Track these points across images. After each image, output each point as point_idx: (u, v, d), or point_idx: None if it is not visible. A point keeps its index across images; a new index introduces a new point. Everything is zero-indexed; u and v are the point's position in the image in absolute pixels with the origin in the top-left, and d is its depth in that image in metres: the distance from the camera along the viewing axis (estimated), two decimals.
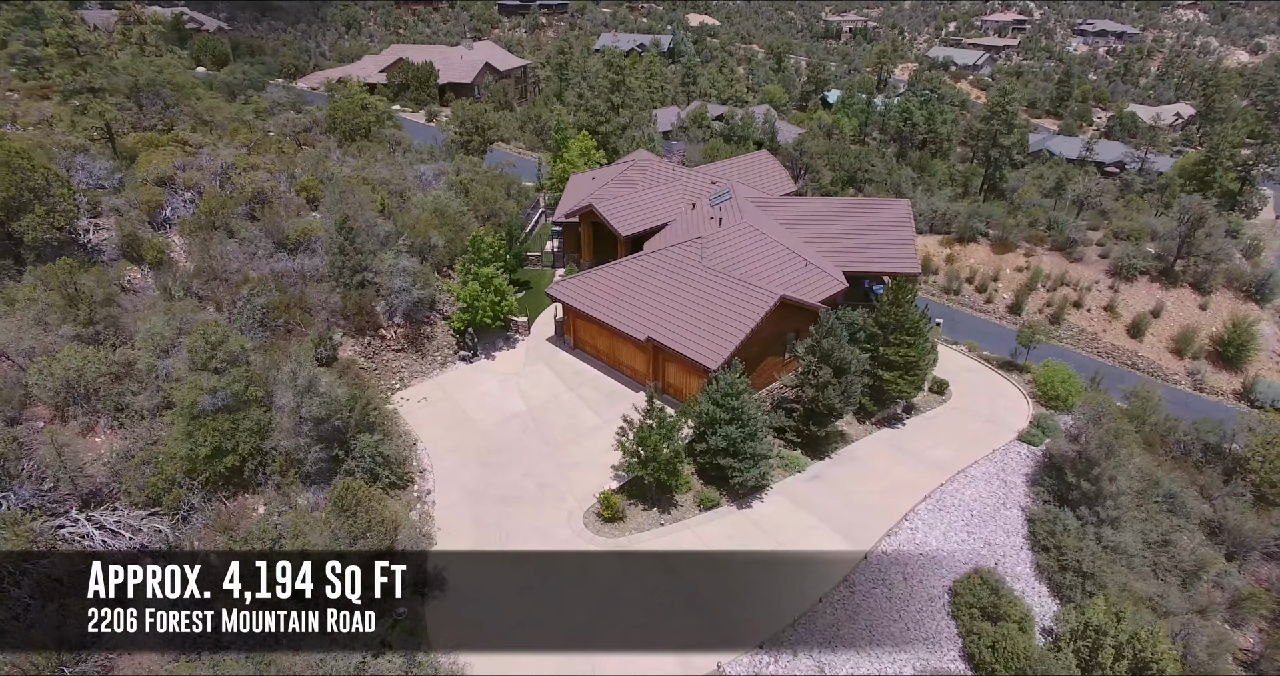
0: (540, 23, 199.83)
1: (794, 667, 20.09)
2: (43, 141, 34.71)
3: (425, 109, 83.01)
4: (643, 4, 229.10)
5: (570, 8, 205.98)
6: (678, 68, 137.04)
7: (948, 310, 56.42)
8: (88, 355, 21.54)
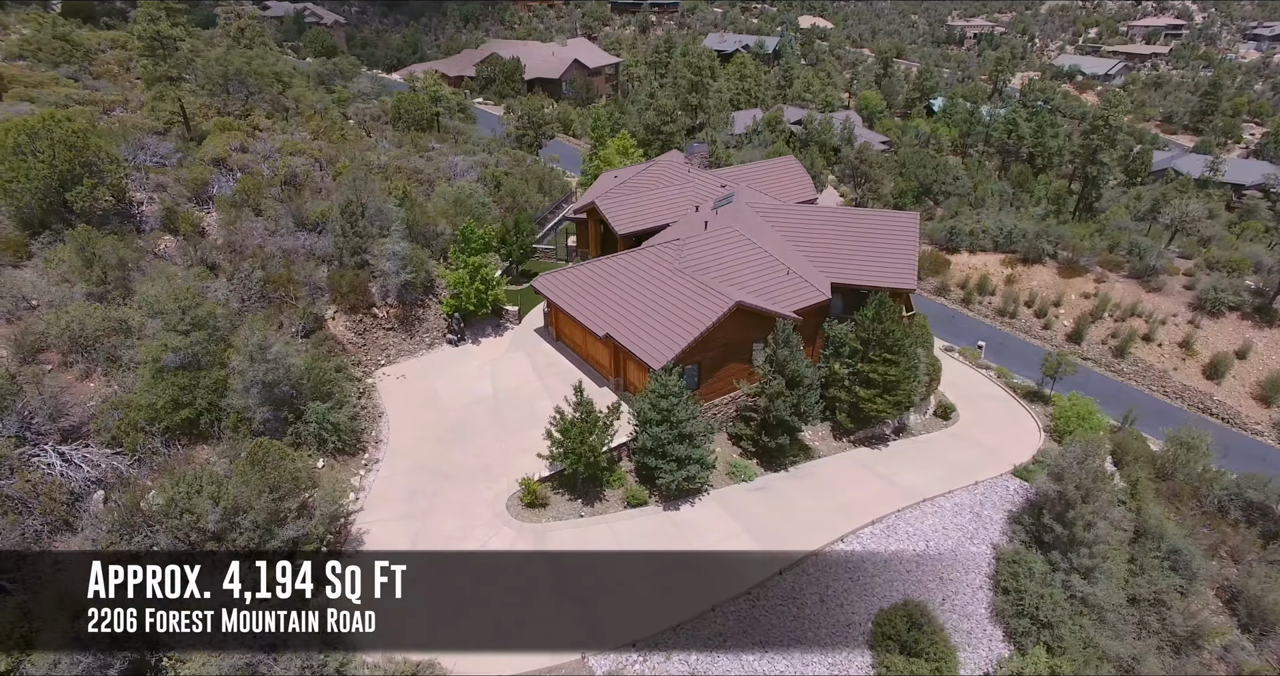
0: (650, 21, 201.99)
1: (663, 668, 20.28)
2: (122, 122, 39.42)
3: (505, 102, 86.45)
4: (755, 5, 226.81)
5: (681, 7, 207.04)
6: (777, 70, 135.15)
7: (998, 334, 53.51)
8: (90, 310, 24.69)
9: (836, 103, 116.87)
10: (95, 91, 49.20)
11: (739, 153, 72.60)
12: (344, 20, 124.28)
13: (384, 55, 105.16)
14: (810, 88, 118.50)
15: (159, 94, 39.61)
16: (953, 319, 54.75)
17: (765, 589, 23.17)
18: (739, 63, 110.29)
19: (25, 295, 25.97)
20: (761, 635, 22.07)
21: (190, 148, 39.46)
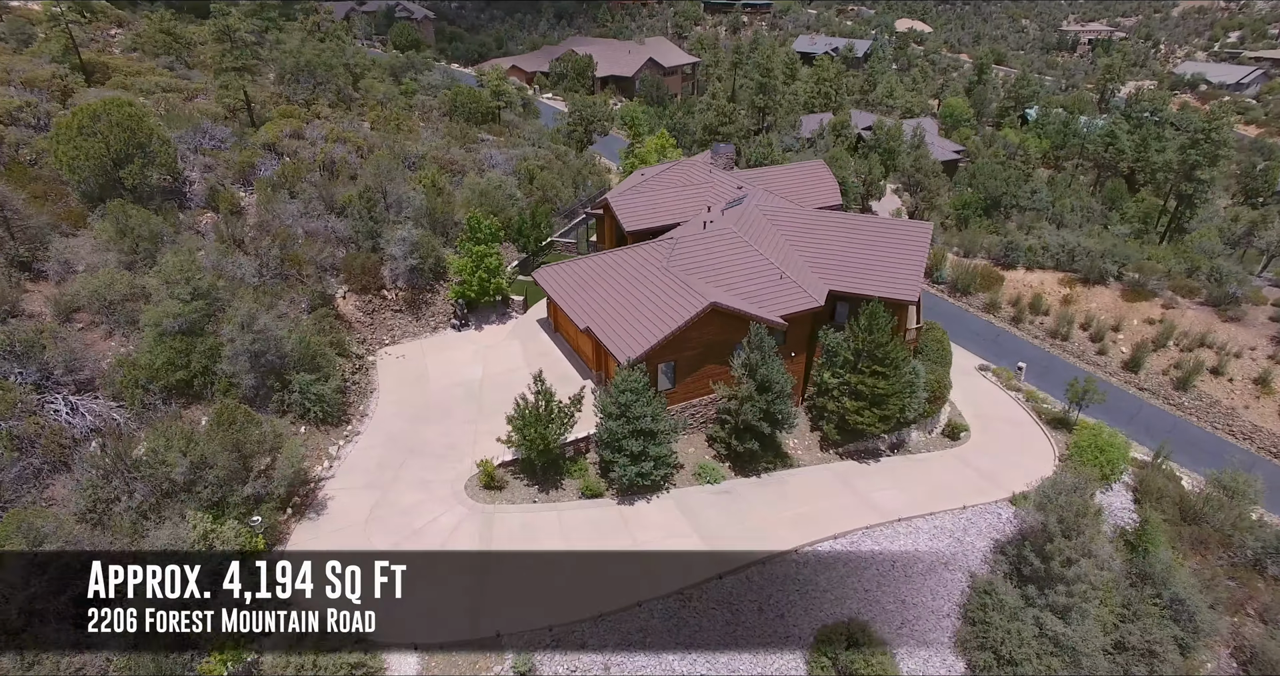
0: (742, 22, 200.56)
1: (579, 659, 20.66)
2: (193, 108, 43.01)
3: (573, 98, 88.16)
4: (851, 7, 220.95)
5: (774, 8, 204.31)
6: (862, 74, 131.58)
7: (1045, 356, 50.67)
8: (117, 277, 27.31)
9: (918, 109, 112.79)
10: (185, 80, 53.75)
11: (797, 156, 71.42)
12: (433, 15, 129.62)
13: (468, 50, 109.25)
14: (893, 93, 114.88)
15: (224, 83, 42.95)
16: (998, 338, 52.16)
17: (700, 591, 23.11)
18: (819, 66, 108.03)
19: (70, 260, 28.95)
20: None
21: (249, 133, 42.62)
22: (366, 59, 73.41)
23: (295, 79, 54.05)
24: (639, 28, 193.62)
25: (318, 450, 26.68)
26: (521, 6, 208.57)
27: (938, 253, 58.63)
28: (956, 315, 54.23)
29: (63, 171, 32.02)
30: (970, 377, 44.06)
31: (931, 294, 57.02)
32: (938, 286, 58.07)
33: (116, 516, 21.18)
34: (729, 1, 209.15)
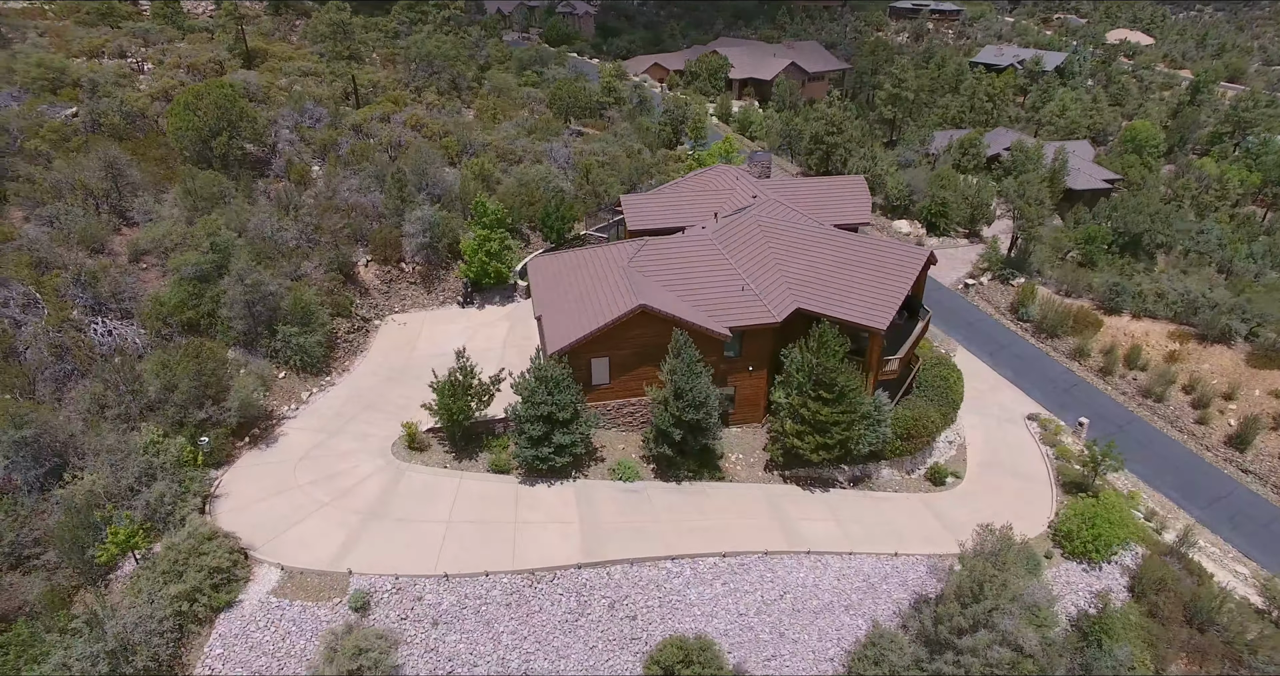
0: (926, 29, 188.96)
1: (406, 609, 22.49)
2: (305, 91, 49.58)
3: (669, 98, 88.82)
4: (1059, 16, 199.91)
5: (964, 15, 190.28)
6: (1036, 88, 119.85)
7: (1126, 415, 45.07)
8: (171, 229, 32.95)
9: (1093, 130, 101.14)
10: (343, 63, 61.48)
11: (911, 171, 67.42)
12: (594, 10, 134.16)
13: (618, 46, 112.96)
14: (1065, 111, 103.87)
15: (334, 70, 49.09)
16: (1073, 388, 46.85)
17: (552, 574, 24.00)
18: (981, 79, 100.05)
19: (151, 212, 35.23)
20: (526, 614, 23.11)
21: (345, 114, 48.45)
22: (503, 51, 79.21)
23: (417, 68, 60.03)
24: (818, 31, 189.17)
25: (291, 393, 30.62)
26: (701, 5, 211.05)
27: (1027, 288, 53.39)
28: (1033, 358, 49.22)
29: (172, 141, 38.71)
30: (1010, 425, 40.28)
31: (1011, 331, 52.08)
32: (1021, 324, 52.85)
33: (107, 421, 26.03)
34: (916, 7, 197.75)
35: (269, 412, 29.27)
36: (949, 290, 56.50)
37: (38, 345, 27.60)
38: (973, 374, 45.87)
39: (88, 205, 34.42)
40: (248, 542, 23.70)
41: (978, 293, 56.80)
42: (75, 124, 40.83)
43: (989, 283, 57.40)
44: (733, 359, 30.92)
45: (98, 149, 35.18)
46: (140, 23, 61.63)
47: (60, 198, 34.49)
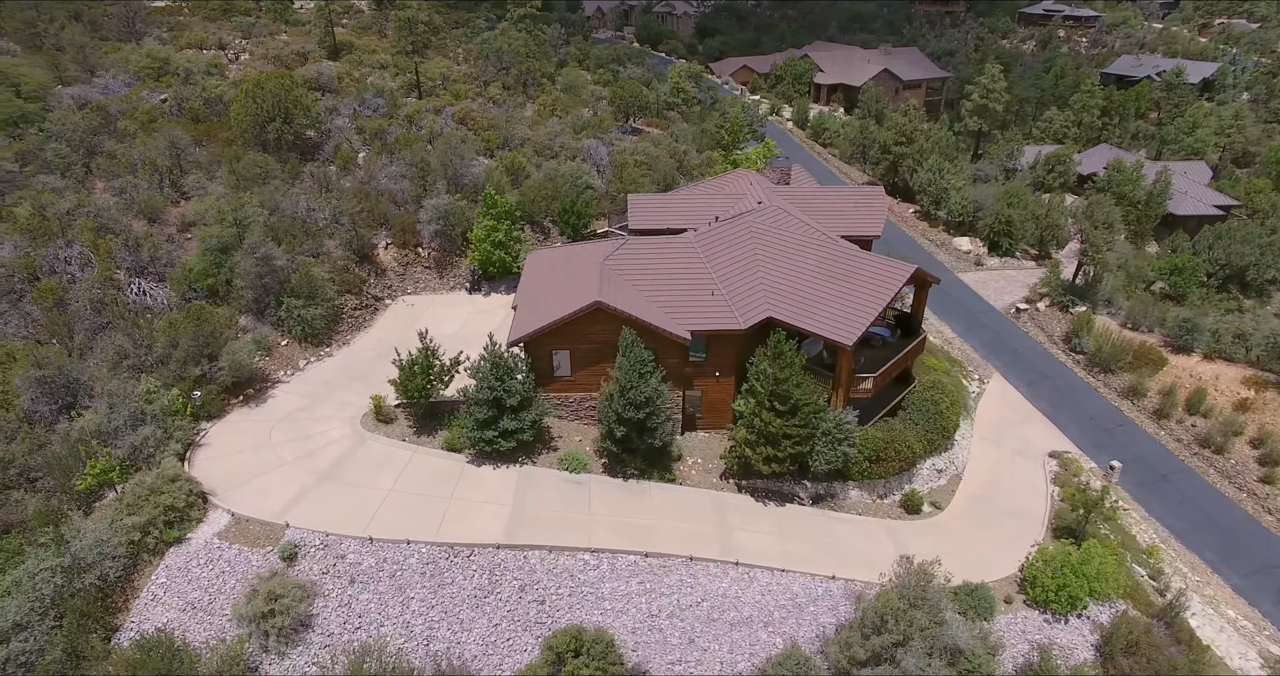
0: (1057, 37, 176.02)
1: (328, 564, 24.17)
2: (368, 79, 53.11)
3: (778, 102, 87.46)
4: (1222, 20, 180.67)
5: (1100, 22, 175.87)
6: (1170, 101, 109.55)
7: (1176, 464, 41.41)
8: (214, 203, 36.54)
9: (1217, 149, 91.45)
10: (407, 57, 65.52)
11: (974, 189, 63.81)
12: (692, 11, 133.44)
13: (715, 47, 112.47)
14: (1196, 128, 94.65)
15: (398, 64, 52.38)
16: (1116, 428, 43.27)
17: (470, 551, 25.05)
18: (1088, 92, 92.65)
19: (204, 188, 39.15)
20: (437, 585, 24.30)
21: (402, 105, 51.58)
22: (583, 50, 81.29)
23: (488, 64, 62.87)
24: (938, 37, 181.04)
25: (290, 360, 33.32)
26: (817, 8, 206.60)
27: (1083, 317, 49.58)
28: (1078, 392, 45.75)
29: (234, 125, 42.77)
30: (1025, 461, 37.86)
31: (1059, 362, 48.53)
32: (1073, 355, 49.10)
33: (124, 370, 29.45)
34: (1048, 12, 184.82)
35: (266, 376, 32.03)
36: (999, 314, 53.23)
37: (82, 299, 31.51)
38: (1003, 403, 43.38)
39: (152, 179, 38.73)
40: (210, 488, 26.22)
41: (1031, 319, 53.17)
42: (164, 108, 45.93)
43: (1046, 309, 53.60)
44: (700, 363, 30.88)
45: (165, 130, 39.54)
46: (248, 18, 67.96)
47: (133, 172, 38.98)
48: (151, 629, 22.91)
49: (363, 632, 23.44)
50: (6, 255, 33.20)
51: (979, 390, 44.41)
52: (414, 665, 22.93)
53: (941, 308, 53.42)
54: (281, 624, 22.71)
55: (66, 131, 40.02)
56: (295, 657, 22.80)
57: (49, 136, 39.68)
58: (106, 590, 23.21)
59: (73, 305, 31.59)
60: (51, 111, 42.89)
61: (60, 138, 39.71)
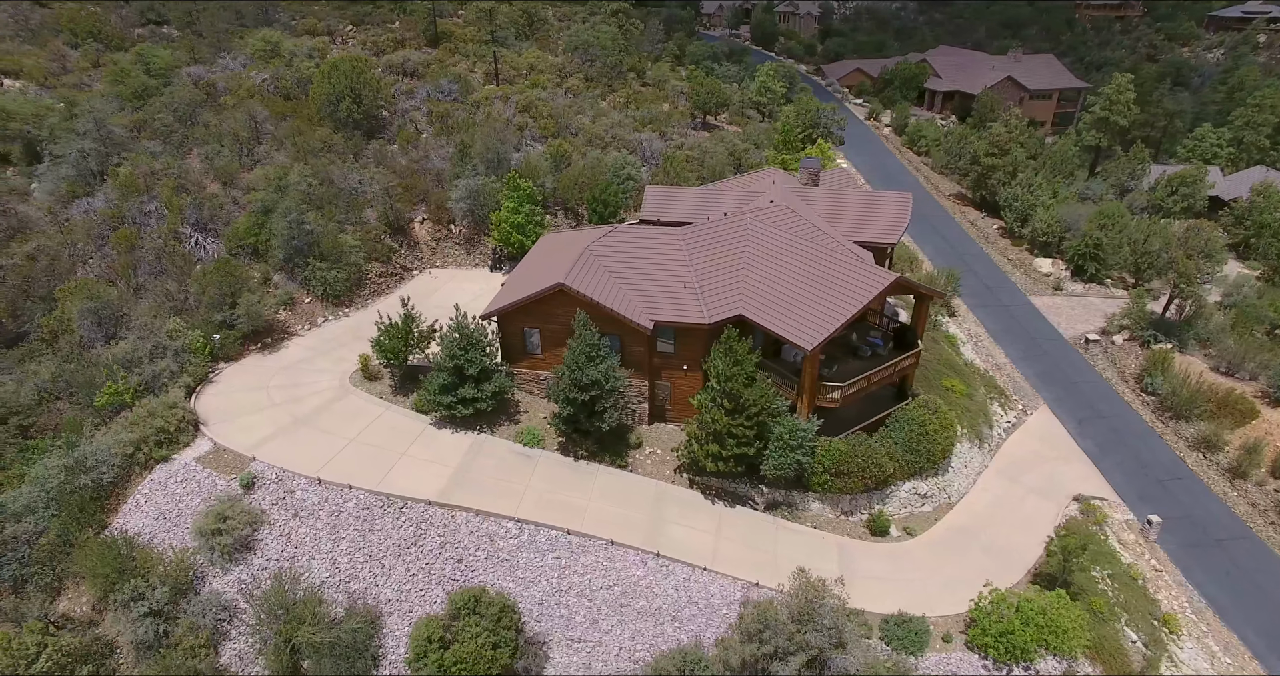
0: (1257, 42, 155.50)
1: (276, 495, 26.65)
2: (451, 69, 56.64)
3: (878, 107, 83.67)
4: None
5: None
6: None
7: (1243, 532, 37.14)
8: (272, 170, 40.68)
9: None
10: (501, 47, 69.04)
11: (1065, 208, 58.57)
12: (816, 11, 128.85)
13: (831, 49, 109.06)
14: None
15: (478, 52, 55.49)
16: (1172, 482, 39.16)
17: (402, 503, 26.75)
18: (1256, 106, 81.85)
19: (269, 157, 43.61)
20: (366, 529, 26.20)
21: (475, 91, 54.61)
22: (682, 46, 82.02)
23: (576, 55, 65.10)
24: (1102, 45, 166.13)
25: (309, 316, 36.65)
26: (969, 10, 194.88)
27: (1160, 354, 44.74)
28: (1135, 436, 41.68)
29: (311, 104, 47.23)
30: (1041, 500, 35.19)
31: (1123, 401, 44.12)
32: (1143, 396, 44.41)
33: (167, 312, 33.70)
34: (1248, 15, 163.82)
35: (285, 328, 35.48)
36: (1065, 343, 48.92)
37: (149, 247, 36.31)
38: (1041, 438, 40.17)
39: (233, 148, 43.66)
40: (204, 419, 29.62)
41: (1103, 352, 48.45)
42: (263, 86, 51.45)
43: (1123, 342, 48.64)
44: (669, 355, 31.00)
45: (246, 104, 44.43)
46: (368, 6, 73.99)
47: (219, 141, 44.14)
48: (131, 530, 26.40)
49: (296, 562, 25.78)
50: (99, 206, 38.77)
51: (1013, 421, 41.18)
52: (329, 598, 24.97)
53: (1001, 330, 49.81)
54: (226, 542, 25.45)
55: (174, 104, 45.96)
56: (235, 573, 25.50)
57: (161, 108, 45.71)
58: (101, 492, 26.93)
59: (140, 251, 36.40)
60: (170, 86, 49.32)
61: (168, 109, 45.65)
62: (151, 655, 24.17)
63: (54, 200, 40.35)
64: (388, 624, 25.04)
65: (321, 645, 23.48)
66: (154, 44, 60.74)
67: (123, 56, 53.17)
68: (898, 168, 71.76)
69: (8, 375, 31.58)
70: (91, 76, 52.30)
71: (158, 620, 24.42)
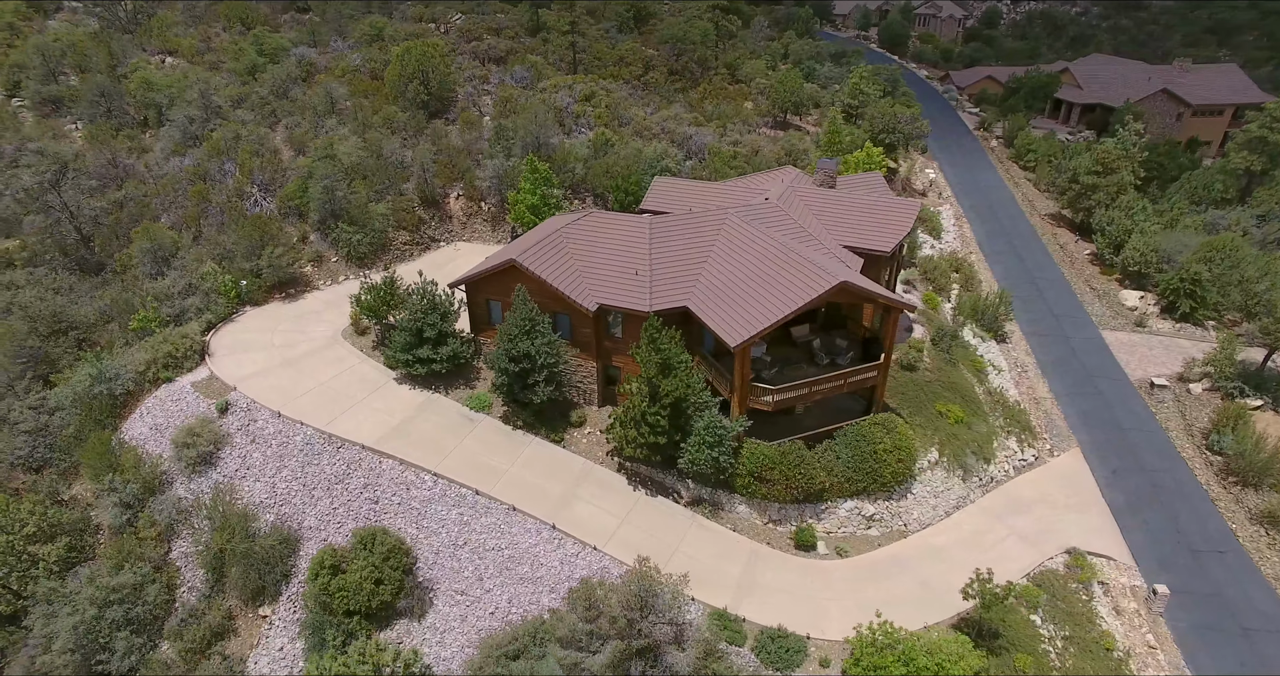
0: None
1: (246, 420, 30.32)
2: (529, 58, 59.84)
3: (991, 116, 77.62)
4: None
5: None
6: None
7: (1276, 614, 32.34)
8: (331, 139, 45.40)
9: None
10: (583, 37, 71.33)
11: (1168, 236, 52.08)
12: (959, 14, 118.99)
13: (967, 54, 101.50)
14: None
15: (556, 42, 58.22)
16: (1216, 553, 34.82)
17: (342, 444, 29.63)
18: None
19: (334, 128, 48.55)
20: (307, 461, 29.30)
21: (544, 79, 57.37)
22: (786, 45, 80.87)
23: (667, 49, 66.51)
24: None
25: (333, 273, 40.79)
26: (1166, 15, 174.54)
27: (1236, 409, 39.40)
28: (1184, 496, 37.32)
29: (387, 84, 51.94)
30: (1022, 545, 32.76)
31: (1179, 457, 39.21)
32: (1207, 454, 39.24)
33: (213, 256, 38.98)
34: None
35: (309, 281, 39.81)
36: (1127, 385, 44.06)
37: (217, 201, 42.01)
38: (1059, 482, 36.90)
39: (310, 120, 49.08)
40: (212, 351, 34.19)
41: (1173, 399, 43.16)
42: (357, 67, 57.10)
43: (1201, 392, 42.88)
44: (619, 340, 31.71)
45: (325, 82, 49.67)
46: None
47: (301, 113, 49.77)
48: (132, 435, 31.25)
49: (245, 481, 29.43)
50: (186, 164, 45.22)
51: (1029, 459, 37.90)
52: (262, 517, 28.31)
53: (1054, 362, 45.64)
54: (192, 455, 29.57)
55: (272, 80, 52.32)
56: (195, 483, 29.56)
57: (261, 84, 52.21)
58: (115, 401, 31.98)
59: (209, 205, 42.16)
60: (277, 65, 56.08)
61: (267, 84, 52.05)
62: (118, 538, 28.65)
63: (161, 158, 47.48)
64: (305, 547, 28.02)
65: (243, 554, 26.78)
66: (292, 28, 69.04)
67: (241, 38, 61.22)
68: (994, 182, 66.63)
69: (84, 297, 37.99)
70: (225, 56, 60.52)
71: (126, 510, 28.86)
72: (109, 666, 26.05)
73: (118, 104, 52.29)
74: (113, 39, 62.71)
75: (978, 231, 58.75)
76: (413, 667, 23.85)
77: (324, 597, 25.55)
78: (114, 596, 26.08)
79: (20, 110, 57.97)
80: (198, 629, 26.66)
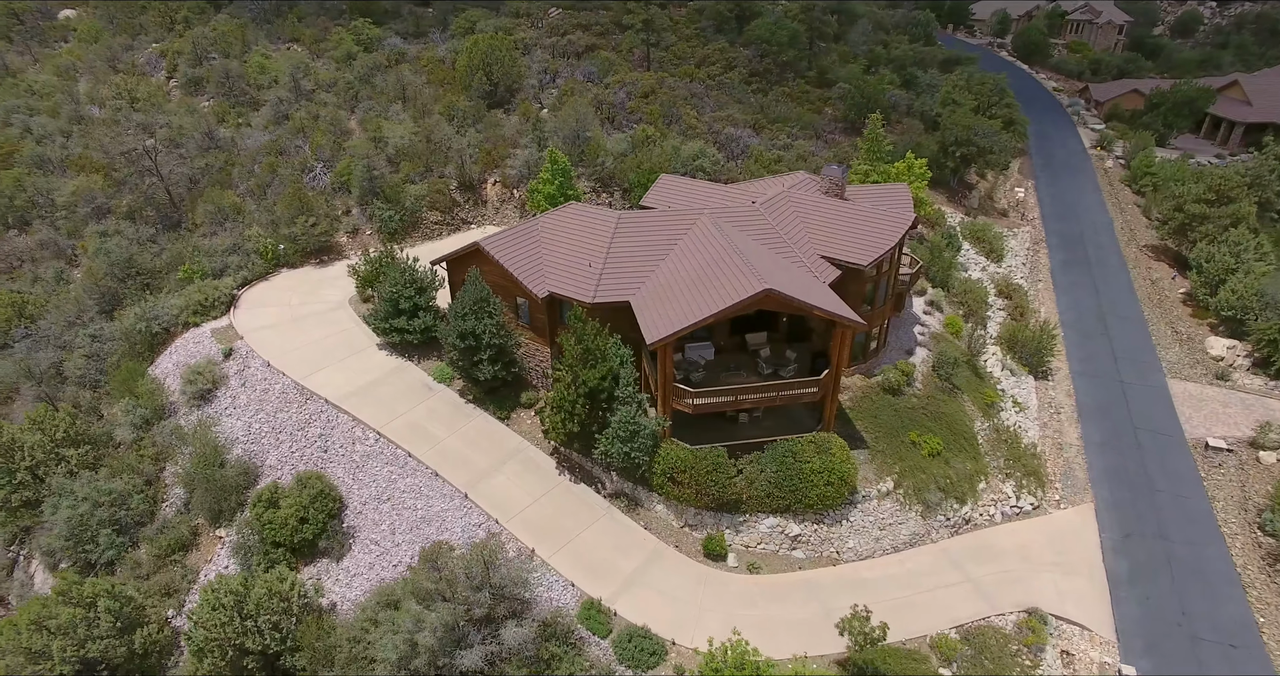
0: None
1: (246, 374, 34.64)
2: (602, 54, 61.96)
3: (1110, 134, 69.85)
4: None
5: None
6: None
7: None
8: (393, 125, 49.85)
9: None
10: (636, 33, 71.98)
11: None
12: (1120, 21, 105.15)
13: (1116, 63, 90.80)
14: None
15: (627, 38, 59.97)
16: (1226, 648, 31.17)
17: (310, 396, 33.18)
18: None
19: (397, 114, 53.07)
20: (280, 408, 33.13)
21: (609, 76, 59.26)
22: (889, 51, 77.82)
23: (750, 51, 66.57)
24: None
25: (365, 245, 44.96)
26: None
27: None
28: (1211, 578, 33.57)
29: (457, 76, 55.98)
30: (975, 598, 30.82)
31: (1218, 531, 35.61)
32: (1260, 535, 34.54)
33: (266, 222, 44.32)
34: None
35: (342, 249, 44.25)
36: (1178, 444, 39.35)
37: (283, 174, 47.65)
38: (1055, 539, 34.59)
39: (382, 104, 54.04)
40: (239, 304, 39.13)
41: (1235, 466, 38.06)
42: (442, 57, 61.80)
43: (1275, 462, 37.42)
44: (562, 324, 32.96)
45: (397, 71, 54.32)
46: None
47: (376, 99, 54.92)
48: (159, 370, 36.69)
49: (229, 418, 33.75)
50: (263, 139, 51.39)
51: (1025, 507, 35.27)
52: (231, 450, 32.42)
53: (1095, 407, 41.81)
54: (192, 390, 34.36)
55: (360, 67, 58.03)
56: (190, 415, 34.23)
57: (351, 71, 58.10)
58: (154, 339, 37.60)
59: (275, 177, 47.85)
60: (369, 53, 61.94)
61: (356, 71, 57.82)
62: (125, 452, 33.92)
63: (253, 132, 54.22)
64: (262, 482, 31.79)
65: (207, 479, 30.91)
66: (405, 19, 75.77)
67: (343, 28, 68.07)
68: (1093, 205, 60.54)
69: (161, 247, 44.54)
70: (331, 45, 67.51)
71: (136, 431, 34.05)
72: (92, 556, 31.09)
73: (238, 85, 60.17)
74: (252, 29, 71.92)
75: (1054, 258, 53.92)
76: (308, 599, 26.65)
77: (258, 526, 29.05)
78: (104, 498, 31.07)
79: (173, 89, 67.93)
80: (165, 539, 31.11)
